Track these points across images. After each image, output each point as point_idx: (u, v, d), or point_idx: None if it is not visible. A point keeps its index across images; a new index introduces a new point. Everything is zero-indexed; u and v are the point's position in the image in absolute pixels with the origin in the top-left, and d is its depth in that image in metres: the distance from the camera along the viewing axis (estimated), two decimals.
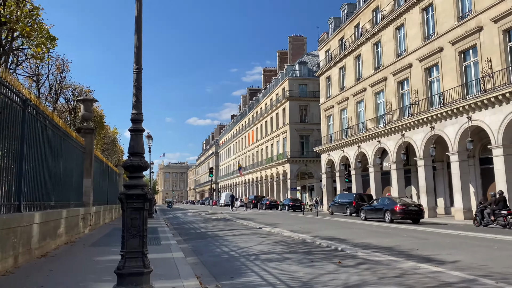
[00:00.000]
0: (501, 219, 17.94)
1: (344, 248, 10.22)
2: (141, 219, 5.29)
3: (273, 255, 9.73)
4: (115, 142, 36.62)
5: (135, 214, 5.27)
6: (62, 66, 15.80)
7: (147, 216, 5.39)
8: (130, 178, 5.41)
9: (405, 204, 21.93)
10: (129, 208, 5.25)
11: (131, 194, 5.27)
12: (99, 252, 9.67)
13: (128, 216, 5.23)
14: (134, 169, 5.39)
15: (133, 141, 5.48)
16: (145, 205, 5.36)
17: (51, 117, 10.88)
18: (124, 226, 5.22)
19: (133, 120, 5.54)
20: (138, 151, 5.46)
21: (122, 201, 5.26)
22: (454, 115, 24.54)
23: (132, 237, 5.20)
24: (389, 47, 32.33)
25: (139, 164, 5.39)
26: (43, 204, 9.96)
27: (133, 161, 5.39)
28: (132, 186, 5.31)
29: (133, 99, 5.60)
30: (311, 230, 16.65)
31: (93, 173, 16.71)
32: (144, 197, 5.33)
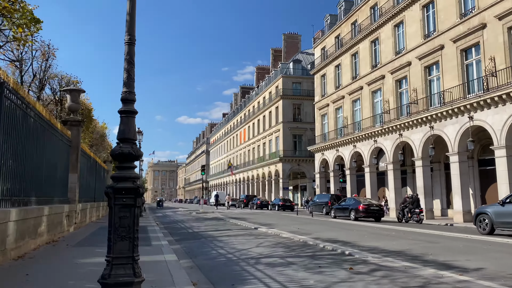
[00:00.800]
0: (415, 216, 22.59)
1: (352, 252, 9.41)
2: (132, 217, 4.40)
3: (275, 258, 8.88)
4: (103, 137, 35.48)
5: (124, 211, 4.38)
6: (47, 52, 14.78)
7: (139, 214, 4.50)
8: (120, 168, 4.52)
9: (367, 204, 24.61)
10: (118, 204, 4.36)
11: (120, 188, 4.38)
12: (83, 254, 8.75)
13: (116, 214, 4.33)
14: (124, 158, 4.49)
15: (123, 125, 4.59)
16: (137, 201, 4.47)
17: (33, 105, 9.94)
18: (111, 226, 4.33)
19: (124, 100, 4.65)
20: (129, 137, 4.56)
21: (109, 196, 4.37)
22: (454, 115, 23.92)
23: (120, 240, 4.31)
24: (387, 44, 31.66)
25: (130, 152, 4.50)
26: (22, 200, 9.04)
27: (123, 148, 4.49)
28: (122, 178, 4.42)
29: (124, 75, 4.70)
30: (309, 231, 15.84)
31: (80, 168, 15.75)
32: (136, 192, 4.44)
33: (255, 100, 69.20)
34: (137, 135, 4.66)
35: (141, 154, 4.58)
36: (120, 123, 4.60)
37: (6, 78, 7.83)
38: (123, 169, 4.49)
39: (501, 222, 15.22)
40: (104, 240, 11.37)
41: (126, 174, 4.45)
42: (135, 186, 4.43)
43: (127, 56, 4.71)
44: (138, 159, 4.59)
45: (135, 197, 4.43)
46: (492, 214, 15.61)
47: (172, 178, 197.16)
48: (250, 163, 69.43)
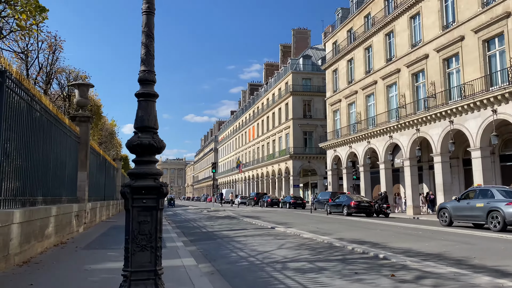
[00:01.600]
0: (383, 210, 26.34)
1: (387, 256, 8.58)
2: (154, 223, 3.62)
3: (303, 263, 8.09)
4: (113, 135, 34.79)
5: (144, 215, 3.60)
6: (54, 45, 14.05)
7: (162, 218, 3.72)
8: (138, 163, 3.74)
9: (358, 201, 26.62)
10: (136, 207, 3.58)
11: (139, 187, 3.60)
12: (94, 258, 8.04)
13: (134, 218, 3.56)
14: (143, 150, 3.71)
15: (141, 110, 3.81)
16: (160, 202, 3.69)
17: (39, 98, 9.23)
18: (129, 234, 3.55)
19: (142, 81, 3.86)
20: (149, 125, 3.78)
21: (125, 196, 3.59)
22: (476, 108, 22.92)
23: (140, 250, 3.54)
24: (402, 37, 30.65)
25: (150, 143, 3.71)
26: (27, 199, 8.35)
27: (141, 138, 3.71)
28: (141, 175, 3.64)
29: (142, 51, 3.92)
30: (330, 231, 15.03)
31: (89, 166, 15.07)
32: (159, 191, 3.66)
33: (264, 97, 68.32)
34: (158, 123, 3.88)
35: (163, 145, 3.80)
36: (138, 109, 3.82)
37: (8, 67, 7.12)
38: (142, 164, 3.72)
39: (457, 215, 17.97)
40: (116, 241, 10.69)
41: (146, 169, 3.68)
42: (157, 184, 3.66)
43: (145, 28, 3.93)
44: (160, 152, 3.82)
45: (157, 198, 3.66)
46: (450, 209, 18.28)
47: (181, 176, 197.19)
48: (260, 160, 68.64)
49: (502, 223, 15.37)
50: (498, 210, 15.61)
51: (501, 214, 15.46)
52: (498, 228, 15.49)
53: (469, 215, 17.25)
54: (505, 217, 15.24)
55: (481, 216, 16.48)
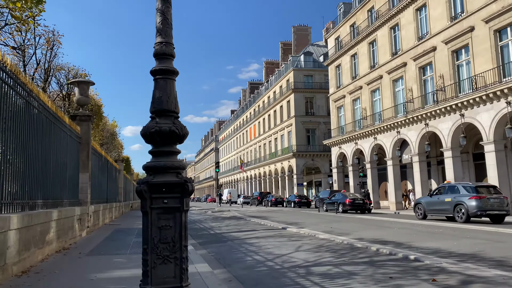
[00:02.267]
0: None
1: (418, 257, 7.88)
2: (178, 228, 2.92)
3: (328, 267, 7.40)
4: (114, 136, 34.15)
5: (166, 219, 2.91)
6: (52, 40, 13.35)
7: (187, 222, 3.03)
8: (156, 155, 3.04)
9: (353, 199, 27.77)
10: (156, 208, 2.89)
11: (158, 184, 2.90)
12: (99, 265, 7.36)
13: (154, 223, 2.86)
14: (163, 138, 3.01)
15: (159, 91, 3.11)
16: (185, 202, 3.00)
17: (37, 94, 8.55)
18: (147, 242, 2.85)
19: (158, 55, 3.16)
20: (169, 108, 3.08)
21: (142, 195, 2.89)
22: (489, 100, 22.20)
23: (162, 262, 2.84)
24: (408, 30, 29.92)
25: (171, 129, 3.02)
26: (26, 203, 7.69)
27: (160, 124, 3.02)
28: (160, 169, 2.94)
29: (157, 20, 3.21)
30: (345, 230, 14.35)
31: (91, 167, 14.38)
32: (183, 189, 2.97)
33: (265, 95, 67.60)
34: (178, 106, 3.18)
35: (186, 132, 3.11)
36: (155, 89, 3.12)
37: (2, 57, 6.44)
38: (161, 156, 3.03)
39: (429, 209, 19.67)
40: (121, 245, 9.97)
41: (167, 162, 2.98)
42: (181, 180, 2.96)
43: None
44: (182, 140, 3.13)
45: (181, 197, 2.96)
46: (424, 204, 20.10)
47: None
48: (262, 159, 67.94)
49: (466, 215, 17.23)
50: (462, 203, 17.48)
51: (464, 207, 17.32)
52: (463, 219, 17.32)
53: (439, 208, 19.02)
54: (468, 209, 17.13)
55: (449, 209, 18.26)
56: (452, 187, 18.93)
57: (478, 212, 16.97)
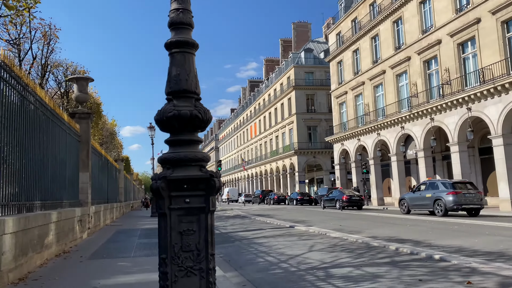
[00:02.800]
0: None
1: (444, 257, 7.36)
2: (203, 233, 2.40)
3: (348, 268, 6.89)
4: (113, 135, 33.63)
5: (189, 222, 2.39)
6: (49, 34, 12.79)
7: (213, 226, 2.51)
8: (174, 144, 2.52)
9: (350, 195, 28.43)
10: (176, 209, 2.37)
11: (179, 179, 2.38)
12: (102, 270, 6.86)
13: (174, 227, 2.34)
14: (183, 124, 2.49)
15: (176, 67, 2.58)
16: (211, 202, 2.48)
17: (34, 90, 8.04)
18: (166, 250, 2.34)
19: (174, 24, 2.64)
20: (189, 88, 2.56)
21: (159, 193, 2.36)
22: (497, 93, 21.70)
23: (184, 274, 2.33)
24: (412, 23, 29.39)
25: (193, 113, 2.50)
26: (23, 205, 7.19)
27: (179, 107, 2.49)
28: (180, 162, 2.42)
29: None
30: (355, 228, 13.85)
31: (91, 166, 13.87)
32: (209, 185, 2.45)
33: (266, 93, 67.05)
34: (199, 86, 2.66)
35: (210, 117, 2.59)
36: (171, 66, 2.60)
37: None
38: (180, 145, 2.51)
39: (413, 204, 21.16)
40: (124, 248, 9.42)
41: (189, 153, 2.46)
42: (206, 174, 2.44)
43: None
44: (205, 127, 2.60)
45: (206, 195, 2.44)
46: (407, 199, 21.60)
47: None
48: (263, 157, 67.43)
49: (444, 209, 18.62)
50: (441, 198, 18.83)
51: (443, 201, 18.69)
52: (441, 213, 18.73)
53: (421, 204, 20.47)
54: (446, 204, 18.50)
55: (429, 204, 19.69)
56: (432, 184, 20.38)
57: (454, 206, 18.31)
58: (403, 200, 22.25)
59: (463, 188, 18.96)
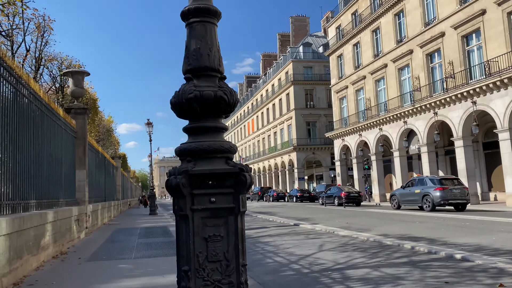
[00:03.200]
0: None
1: (466, 256, 6.93)
2: (232, 239, 1.94)
3: (365, 270, 6.45)
4: (110, 132, 33.06)
5: (215, 225, 1.92)
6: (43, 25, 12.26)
7: (244, 230, 2.05)
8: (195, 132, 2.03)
9: (348, 192, 28.84)
10: (200, 210, 1.89)
11: (204, 174, 1.90)
12: (102, 273, 6.42)
13: (197, 232, 1.87)
14: (205, 107, 2.01)
15: (196, 40, 2.09)
16: (241, 201, 2.02)
17: (27, 82, 7.57)
18: (188, 259, 1.86)
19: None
20: (212, 65, 2.08)
21: (178, 191, 1.88)
22: (503, 86, 21.28)
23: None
24: (414, 16, 28.92)
25: (218, 94, 2.02)
26: (18, 204, 6.75)
27: (201, 88, 2.01)
28: (204, 153, 1.94)
29: None
30: (363, 225, 13.43)
31: (88, 163, 13.40)
32: (238, 181, 1.98)
33: (263, 88, 66.52)
34: (222, 62, 2.20)
35: (237, 100, 2.12)
36: (189, 38, 2.13)
37: None
38: (202, 133, 2.04)
39: (403, 200, 21.95)
40: (124, 248, 8.91)
41: (213, 143, 2.00)
42: (235, 168, 1.98)
43: None
44: (232, 111, 2.15)
45: (235, 193, 1.98)
46: (398, 195, 22.42)
47: None
48: (261, 153, 66.97)
49: (432, 204, 19.31)
50: (429, 194, 19.61)
51: (430, 197, 19.43)
52: (429, 208, 19.45)
53: (410, 199, 21.17)
54: (433, 199, 19.24)
55: (418, 199, 20.39)
56: (421, 180, 21.15)
57: (441, 201, 19.03)
58: (393, 196, 22.95)
59: (450, 184, 19.70)
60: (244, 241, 2.01)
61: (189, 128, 2.07)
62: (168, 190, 1.92)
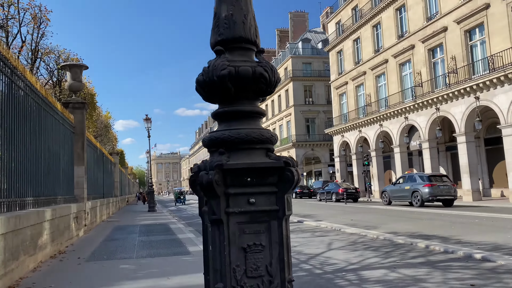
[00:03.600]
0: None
1: (487, 256, 6.61)
2: (275, 248, 1.57)
3: (382, 271, 6.12)
4: (108, 128, 32.56)
5: (255, 233, 1.55)
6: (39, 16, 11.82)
7: (289, 238, 1.68)
8: (228, 117, 1.65)
9: (345, 188, 28.87)
10: (236, 214, 1.52)
11: (241, 169, 1.54)
12: (104, 274, 6.08)
13: (233, 240, 1.50)
14: (242, 87, 1.64)
15: (227, 5, 1.72)
16: (286, 203, 1.66)
17: (23, 74, 7.20)
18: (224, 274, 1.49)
19: None
20: (247, 36, 1.71)
21: (211, 189, 1.51)
22: (507, 81, 20.96)
23: None
24: (416, 10, 28.55)
25: (258, 71, 1.65)
26: (14, 201, 6.41)
27: (236, 63, 1.64)
28: (240, 143, 1.58)
29: None
30: (369, 222, 13.11)
31: (87, 159, 13.02)
32: (283, 178, 1.61)
33: None
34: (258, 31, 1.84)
35: (278, 78, 1.76)
36: (219, 3, 1.77)
37: None
38: (237, 119, 1.68)
39: (393, 196, 22.58)
40: (125, 246, 8.52)
41: (252, 131, 1.63)
42: (279, 162, 1.62)
43: None
44: (272, 91, 1.78)
45: (279, 192, 1.62)
46: (389, 191, 23.04)
47: (176, 170, 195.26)
48: None
49: (421, 200, 19.94)
50: (418, 190, 20.20)
51: (419, 193, 20.04)
52: (418, 204, 20.07)
53: (401, 195, 21.78)
54: (422, 195, 19.83)
55: (408, 196, 20.99)
56: (411, 177, 21.79)
57: (430, 198, 19.57)
58: (384, 192, 23.55)
59: (438, 181, 20.35)
60: (290, 252, 1.66)
61: (221, 113, 1.71)
62: (200, 188, 1.56)
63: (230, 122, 1.69)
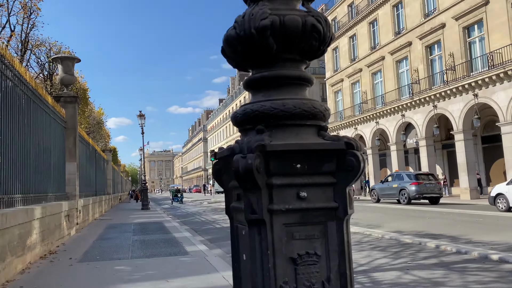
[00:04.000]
0: None
1: (504, 257, 6.25)
2: (334, 258, 1.16)
3: (394, 272, 5.75)
4: (100, 124, 31.97)
5: (307, 238, 1.15)
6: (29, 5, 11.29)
7: (350, 244, 1.26)
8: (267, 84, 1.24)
9: None
10: (283, 212, 1.11)
11: (288, 151, 1.12)
12: (98, 277, 5.67)
13: (277, 247, 1.11)
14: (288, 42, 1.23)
15: None
16: (348, 198, 1.24)
17: (11, 63, 6.74)
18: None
19: None
20: None
21: (249, 179, 1.09)
22: (507, 78, 20.72)
23: None
24: (413, 7, 28.25)
25: (309, 22, 1.24)
26: (0, 199, 5.95)
27: (280, 10, 1.23)
28: (284, 118, 1.18)
29: None
30: (371, 221, 12.77)
31: (79, 155, 12.54)
32: (344, 164, 1.19)
33: None
34: None
35: (333, 35, 1.35)
36: None
37: None
38: (278, 88, 1.26)
39: (382, 194, 23.13)
40: (119, 246, 8.08)
41: (300, 102, 1.22)
42: (339, 142, 1.20)
43: None
44: (325, 50, 1.36)
45: (338, 183, 1.20)
46: (377, 189, 23.69)
47: (169, 168, 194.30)
48: None
49: (408, 198, 20.49)
50: (405, 188, 20.82)
51: (407, 191, 20.63)
52: (405, 202, 20.59)
53: (389, 193, 22.33)
54: (409, 193, 20.45)
55: (396, 193, 21.57)
56: (398, 175, 22.45)
57: (416, 195, 20.19)
58: (373, 190, 24.21)
59: (425, 179, 20.99)
60: (352, 263, 1.25)
61: (258, 80, 1.29)
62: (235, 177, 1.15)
63: (268, 91, 1.28)
